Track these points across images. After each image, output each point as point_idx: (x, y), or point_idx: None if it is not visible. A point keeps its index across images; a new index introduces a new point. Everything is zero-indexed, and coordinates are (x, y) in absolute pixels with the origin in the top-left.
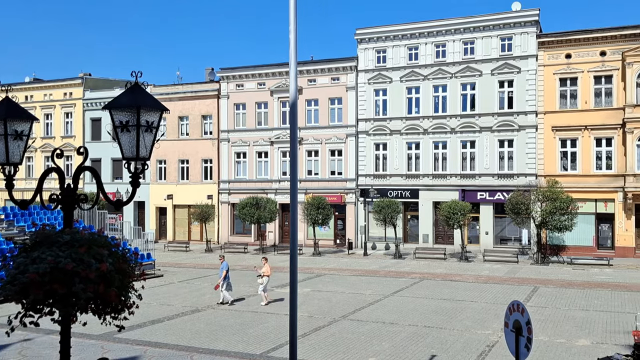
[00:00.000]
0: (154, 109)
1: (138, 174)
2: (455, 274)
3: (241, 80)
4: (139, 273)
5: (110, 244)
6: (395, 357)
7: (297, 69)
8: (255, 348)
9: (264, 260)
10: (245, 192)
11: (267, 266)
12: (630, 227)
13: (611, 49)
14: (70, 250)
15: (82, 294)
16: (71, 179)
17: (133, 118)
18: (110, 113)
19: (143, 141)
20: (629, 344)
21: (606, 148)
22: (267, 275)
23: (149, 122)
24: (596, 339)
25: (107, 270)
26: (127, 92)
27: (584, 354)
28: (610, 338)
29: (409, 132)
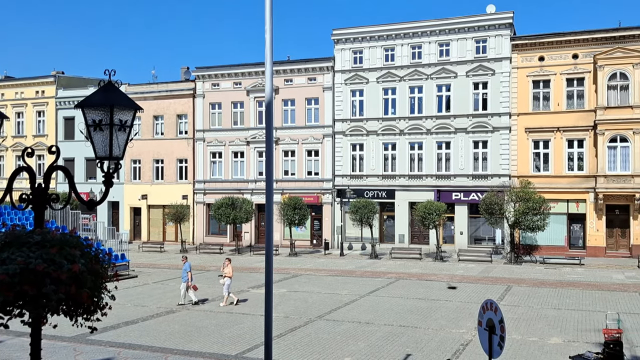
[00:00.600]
0: (127, 108)
1: (111, 173)
2: (430, 274)
3: (217, 79)
4: (112, 274)
5: (83, 244)
6: (371, 357)
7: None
8: (231, 349)
9: (227, 261)
10: (220, 193)
11: (229, 267)
12: (601, 227)
13: (583, 52)
14: (41, 250)
15: (53, 295)
16: (42, 179)
17: (106, 117)
18: (82, 112)
19: (116, 140)
20: (600, 342)
21: (578, 149)
22: (229, 277)
23: (122, 121)
24: (568, 337)
25: (79, 271)
26: (100, 90)
27: (556, 352)
28: (581, 336)
29: (385, 133)
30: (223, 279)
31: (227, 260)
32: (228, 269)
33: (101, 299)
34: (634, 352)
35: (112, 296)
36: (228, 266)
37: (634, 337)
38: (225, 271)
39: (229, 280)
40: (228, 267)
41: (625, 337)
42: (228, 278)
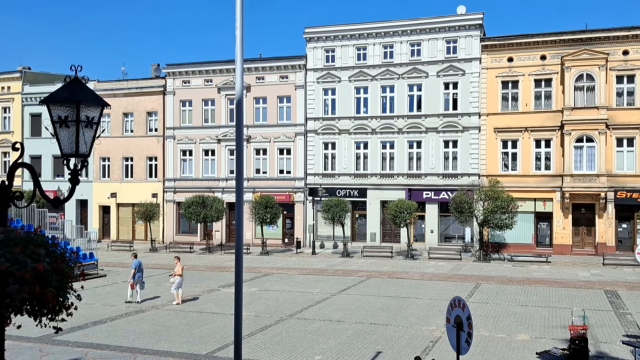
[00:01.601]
0: (94, 104)
1: (77, 171)
2: (401, 272)
3: (187, 76)
4: (78, 273)
5: (48, 243)
6: (341, 355)
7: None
8: (201, 348)
9: (176, 259)
10: (191, 191)
11: (178, 266)
12: (568, 226)
13: (551, 53)
14: (5, 249)
15: (16, 295)
16: (6, 176)
17: (72, 113)
18: (48, 108)
19: (83, 137)
20: (566, 338)
21: (545, 149)
22: (179, 275)
23: (89, 117)
24: (535, 334)
25: (44, 270)
26: (66, 86)
27: (523, 348)
28: (548, 333)
29: (357, 132)
30: (173, 277)
31: (176, 258)
32: (177, 268)
33: (67, 298)
34: (598, 347)
35: (78, 296)
36: (177, 265)
37: (599, 333)
38: (174, 270)
39: (179, 278)
40: (177, 266)
41: (590, 333)
42: (178, 277)
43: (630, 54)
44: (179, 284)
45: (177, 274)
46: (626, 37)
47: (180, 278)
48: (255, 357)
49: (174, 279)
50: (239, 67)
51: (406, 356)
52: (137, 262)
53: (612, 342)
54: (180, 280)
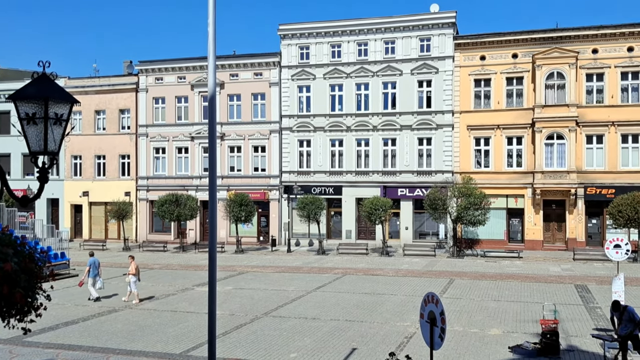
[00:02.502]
0: (63, 101)
1: (46, 169)
2: (376, 269)
3: (160, 73)
4: (47, 273)
5: (16, 242)
6: (317, 352)
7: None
8: (175, 347)
9: (131, 258)
10: (164, 189)
11: (133, 265)
12: (539, 222)
13: (522, 52)
14: None
15: None
16: None
17: (40, 110)
18: (15, 104)
19: (52, 134)
20: (537, 332)
21: (517, 146)
22: (133, 274)
23: (58, 114)
24: (507, 328)
25: (12, 270)
26: (34, 82)
27: (495, 342)
28: (520, 327)
29: (332, 129)
30: (128, 276)
31: (130, 257)
32: (132, 267)
33: (36, 299)
34: (569, 341)
35: (47, 296)
36: (132, 264)
37: (570, 327)
38: (129, 269)
39: (133, 277)
40: (132, 265)
41: (561, 327)
42: (132, 275)
43: (600, 52)
44: (134, 282)
45: (131, 273)
46: (595, 36)
47: (134, 277)
48: (231, 355)
49: (128, 278)
50: (211, 64)
51: (381, 352)
52: (92, 261)
53: (582, 336)
54: (134, 279)
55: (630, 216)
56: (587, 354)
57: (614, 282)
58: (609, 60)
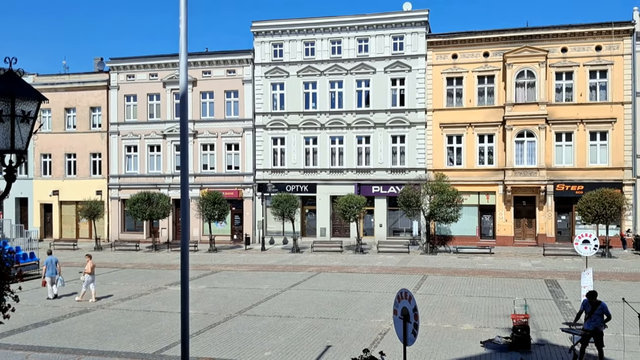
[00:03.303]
0: (31, 98)
1: (13, 167)
2: (351, 266)
3: (132, 70)
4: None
5: None
6: (291, 350)
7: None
8: (148, 347)
9: (87, 257)
10: (136, 188)
11: (89, 264)
12: (510, 218)
13: (493, 51)
14: None
15: None
16: None
17: (7, 107)
18: None
19: (19, 132)
20: (509, 327)
21: (488, 144)
22: (89, 273)
23: (25, 111)
24: (479, 323)
25: None
26: (0, 79)
27: (468, 337)
28: (491, 322)
29: (306, 127)
30: (84, 275)
31: (87, 256)
32: (88, 266)
33: (3, 300)
34: (540, 335)
35: (15, 297)
36: (88, 262)
37: (540, 322)
38: (85, 267)
39: (89, 276)
40: (88, 264)
41: (532, 322)
42: (88, 274)
43: (569, 51)
44: (90, 281)
45: (87, 272)
46: (565, 35)
47: (90, 276)
48: (204, 354)
49: (84, 277)
50: (182, 61)
51: (355, 349)
52: (49, 259)
53: (552, 330)
54: (90, 278)
55: (599, 212)
56: (557, 348)
57: (583, 277)
58: (577, 59)
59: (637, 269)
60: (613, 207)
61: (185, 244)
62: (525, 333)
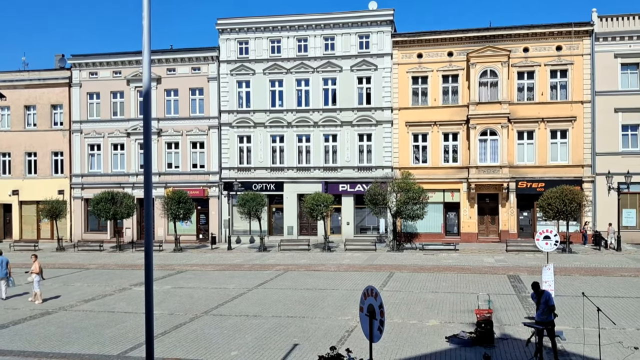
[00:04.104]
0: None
1: None
2: (318, 264)
3: (95, 68)
4: None
5: None
6: (258, 349)
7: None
8: (112, 349)
9: (34, 257)
10: (100, 187)
11: (36, 264)
12: (474, 215)
13: (457, 50)
14: None
15: None
16: None
17: None
18: None
19: None
20: (473, 322)
21: (452, 142)
22: (36, 273)
23: None
24: (444, 319)
25: None
26: None
27: (433, 333)
28: (456, 317)
29: (273, 125)
30: (30, 275)
31: (33, 256)
32: (34, 266)
33: None
34: (503, 330)
35: None
36: (35, 263)
37: (503, 316)
38: (31, 268)
39: (37, 276)
40: (35, 264)
41: (495, 317)
42: (35, 274)
43: (530, 51)
44: (37, 282)
45: (34, 272)
46: (526, 35)
47: (37, 276)
48: (170, 355)
49: (31, 277)
50: (146, 59)
51: (322, 347)
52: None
53: (515, 324)
54: (38, 279)
55: (559, 209)
56: (520, 342)
57: (544, 272)
58: (539, 58)
59: (597, 263)
60: (573, 203)
61: (149, 244)
62: (488, 328)
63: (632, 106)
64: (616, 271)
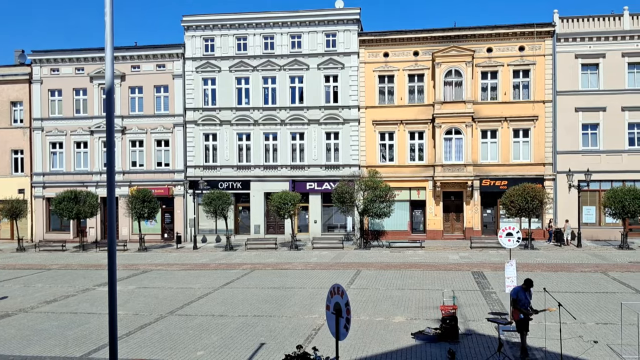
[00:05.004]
0: None
1: None
2: (285, 263)
3: (57, 64)
4: None
5: None
6: (224, 349)
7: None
8: (75, 351)
9: None
10: (62, 186)
11: None
12: (439, 213)
13: (423, 50)
14: None
15: None
16: None
17: None
18: None
19: None
20: (438, 318)
21: (419, 141)
22: None
23: None
24: (410, 315)
25: None
26: None
27: (399, 330)
28: (422, 314)
29: (239, 123)
30: None
31: None
32: None
33: None
34: (467, 325)
35: None
36: None
37: (468, 312)
38: None
39: None
40: None
41: (460, 313)
42: None
43: (494, 51)
44: None
45: None
46: (490, 36)
47: None
48: (135, 356)
49: None
50: (108, 55)
51: (289, 345)
52: None
53: (479, 320)
54: None
55: (521, 206)
56: (484, 337)
57: (507, 268)
58: (502, 58)
59: (558, 259)
60: (535, 201)
61: (113, 243)
62: (453, 324)
63: (592, 106)
64: (577, 267)
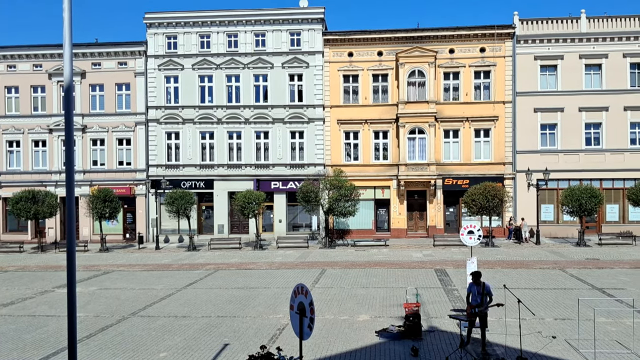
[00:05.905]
0: None
1: None
2: (249, 262)
3: (13, 60)
4: None
5: None
6: (188, 350)
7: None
8: (33, 355)
9: None
10: (19, 185)
11: None
12: (403, 211)
13: (387, 50)
14: None
15: None
16: None
17: None
18: None
19: None
20: (402, 315)
21: (383, 140)
22: None
23: None
24: (374, 314)
25: None
26: None
27: (364, 328)
28: (386, 312)
29: (202, 122)
30: None
31: None
32: None
33: None
34: (430, 322)
35: None
36: None
37: (431, 309)
38: None
39: None
40: None
41: (423, 310)
42: None
43: (456, 52)
44: None
45: None
46: (452, 37)
47: None
48: (96, 358)
49: None
50: (67, 52)
51: (253, 346)
52: None
53: (441, 317)
54: None
55: (482, 204)
56: (446, 334)
57: (468, 265)
58: (464, 59)
59: (517, 257)
60: (495, 199)
61: (72, 244)
62: (416, 321)
63: (550, 106)
64: (535, 264)
